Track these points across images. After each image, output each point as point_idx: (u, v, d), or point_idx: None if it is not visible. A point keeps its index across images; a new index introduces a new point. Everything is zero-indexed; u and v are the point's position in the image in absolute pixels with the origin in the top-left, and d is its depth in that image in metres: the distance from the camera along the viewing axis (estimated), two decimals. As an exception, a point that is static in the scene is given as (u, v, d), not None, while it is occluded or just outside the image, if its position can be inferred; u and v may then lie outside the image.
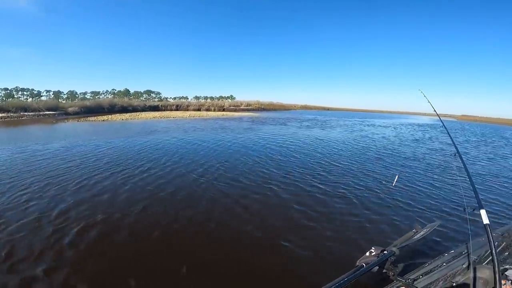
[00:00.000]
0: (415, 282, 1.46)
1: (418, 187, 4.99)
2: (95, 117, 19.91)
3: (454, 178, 5.48)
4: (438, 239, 2.77)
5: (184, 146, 8.57)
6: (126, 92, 49.96)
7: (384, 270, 1.30)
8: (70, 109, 24.51)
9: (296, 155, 7.70)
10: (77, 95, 45.50)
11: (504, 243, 2.16)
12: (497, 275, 1.28)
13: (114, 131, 12.40)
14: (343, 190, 4.65)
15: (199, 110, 39.18)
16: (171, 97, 60.56)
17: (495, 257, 1.34)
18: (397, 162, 7.24)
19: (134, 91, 52.08)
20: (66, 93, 44.91)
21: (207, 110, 40.01)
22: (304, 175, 5.49)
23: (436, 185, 5.19)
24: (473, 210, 1.50)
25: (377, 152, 8.66)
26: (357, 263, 1.23)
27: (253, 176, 5.37)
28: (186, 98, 62.88)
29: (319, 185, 4.88)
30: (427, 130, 19.57)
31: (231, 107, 46.81)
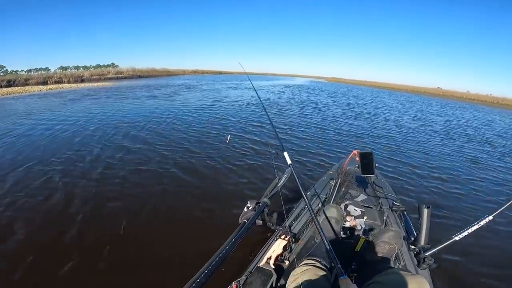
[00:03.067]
0: (291, 228, 1.61)
1: (245, 142, 5.45)
2: None
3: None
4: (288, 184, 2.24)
5: None
6: None
7: (264, 222, 1.29)
8: None
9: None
10: None
11: (340, 179, 2.39)
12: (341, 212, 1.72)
13: None
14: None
15: (45, 83, 29.65)
16: (23, 70, 44.95)
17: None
18: (220, 123, 7.33)
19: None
20: None
21: (58, 82, 31.25)
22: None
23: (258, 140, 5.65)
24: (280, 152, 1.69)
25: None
26: (240, 220, 1.17)
27: None
28: (47, 69, 48.34)
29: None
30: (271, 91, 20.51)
31: (94, 77, 38.13)
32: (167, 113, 8.20)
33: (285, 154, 1.63)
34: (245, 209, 1.26)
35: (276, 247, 1.34)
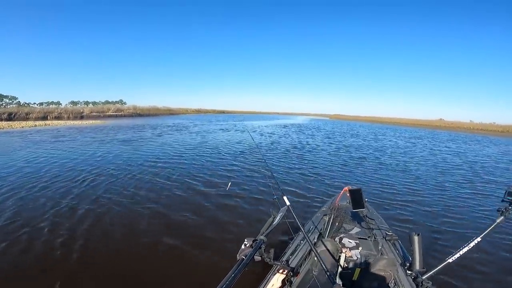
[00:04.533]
0: (289, 262, 1.64)
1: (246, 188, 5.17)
2: None
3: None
4: (287, 220, 2.57)
5: None
6: None
7: (261, 258, 1.27)
8: None
9: None
10: None
11: (333, 214, 2.47)
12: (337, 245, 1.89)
13: None
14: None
15: (45, 118, 30.67)
16: (35, 103, 49.05)
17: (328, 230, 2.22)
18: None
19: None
20: None
21: (58, 118, 31.46)
22: None
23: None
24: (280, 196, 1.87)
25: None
26: (238, 257, 1.19)
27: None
28: (58, 103, 52.27)
29: None
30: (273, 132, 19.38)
31: (94, 114, 38.41)
32: (125, 166, 6.67)
33: (285, 198, 1.78)
34: (243, 247, 1.23)
35: (275, 282, 1.33)
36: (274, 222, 1.47)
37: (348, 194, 2.20)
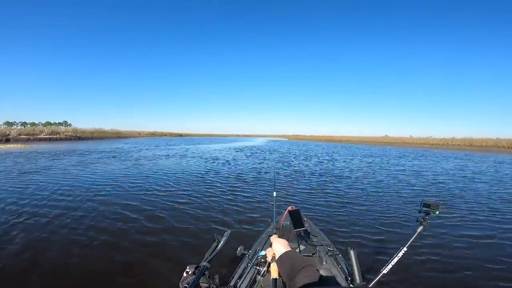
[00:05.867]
0: (236, 286, 1.65)
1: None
2: None
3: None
4: (228, 245, 2.42)
5: None
6: None
7: (206, 285, 1.23)
8: None
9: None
10: None
11: (278, 235, 2.10)
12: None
13: None
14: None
15: None
16: None
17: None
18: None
19: None
20: None
21: None
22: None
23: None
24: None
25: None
26: (180, 286, 1.15)
27: None
28: None
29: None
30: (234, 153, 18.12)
31: (23, 136, 32.79)
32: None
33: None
34: (184, 274, 1.17)
35: None
36: (218, 247, 1.41)
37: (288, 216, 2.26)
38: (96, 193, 6.20)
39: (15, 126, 43.54)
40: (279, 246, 1.16)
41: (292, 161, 14.83)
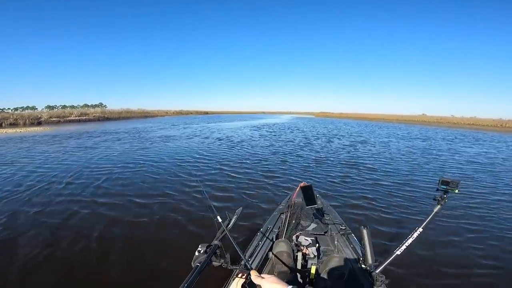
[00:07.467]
0: (247, 265, 1.54)
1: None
2: None
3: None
4: (244, 222, 3.23)
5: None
6: None
7: (218, 263, 1.24)
8: None
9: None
10: None
11: (289, 212, 2.46)
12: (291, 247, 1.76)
13: None
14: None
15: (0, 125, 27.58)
16: (9, 108, 48.89)
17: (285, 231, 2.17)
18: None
19: None
20: None
21: (13, 124, 28.22)
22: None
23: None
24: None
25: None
26: (192, 265, 1.14)
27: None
28: (34, 108, 51.86)
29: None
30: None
31: (53, 119, 34.53)
32: None
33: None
34: (197, 253, 1.18)
35: (235, 286, 1.11)
36: (229, 225, 1.41)
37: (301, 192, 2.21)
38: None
39: (56, 110, 46.69)
40: None
41: (310, 140, 12.91)
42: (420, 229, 1.55)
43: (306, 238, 2.06)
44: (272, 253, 1.60)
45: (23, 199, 4.52)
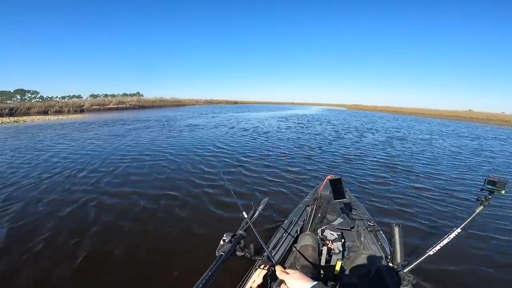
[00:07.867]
0: (270, 257, 1.46)
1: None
2: None
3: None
4: (267, 213, 3.13)
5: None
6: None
7: (242, 253, 1.18)
8: None
9: None
10: None
11: (315, 205, 2.40)
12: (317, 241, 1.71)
13: None
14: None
15: (46, 113, 29.54)
16: (57, 96, 52.74)
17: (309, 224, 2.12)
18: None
19: (-1, 91, 42.44)
20: None
21: (58, 112, 30.52)
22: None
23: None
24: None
25: None
26: (217, 254, 1.10)
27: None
28: (79, 97, 55.31)
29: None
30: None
31: (94, 107, 37.16)
32: None
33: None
34: (221, 242, 1.15)
35: (256, 277, 1.19)
36: (255, 215, 1.39)
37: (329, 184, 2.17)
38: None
39: (98, 98, 50.47)
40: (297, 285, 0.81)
41: (342, 133, 12.08)
42: (459, 230, 1.46)
43: (332, 232, 2.02)
44: (295, 247, 1.58)
45: (41, 187, 4.67)
